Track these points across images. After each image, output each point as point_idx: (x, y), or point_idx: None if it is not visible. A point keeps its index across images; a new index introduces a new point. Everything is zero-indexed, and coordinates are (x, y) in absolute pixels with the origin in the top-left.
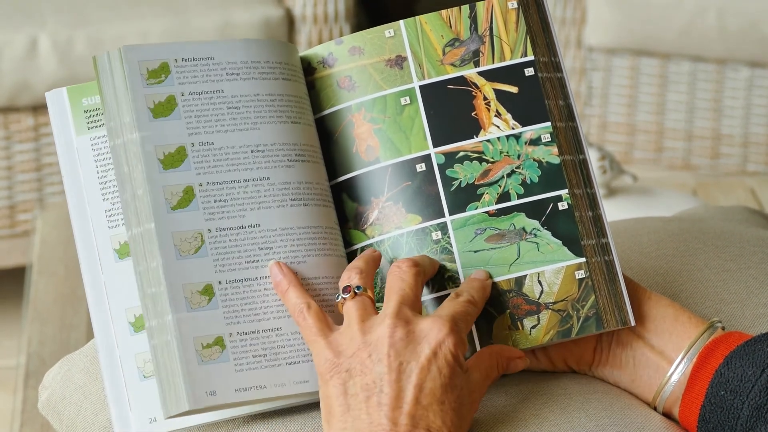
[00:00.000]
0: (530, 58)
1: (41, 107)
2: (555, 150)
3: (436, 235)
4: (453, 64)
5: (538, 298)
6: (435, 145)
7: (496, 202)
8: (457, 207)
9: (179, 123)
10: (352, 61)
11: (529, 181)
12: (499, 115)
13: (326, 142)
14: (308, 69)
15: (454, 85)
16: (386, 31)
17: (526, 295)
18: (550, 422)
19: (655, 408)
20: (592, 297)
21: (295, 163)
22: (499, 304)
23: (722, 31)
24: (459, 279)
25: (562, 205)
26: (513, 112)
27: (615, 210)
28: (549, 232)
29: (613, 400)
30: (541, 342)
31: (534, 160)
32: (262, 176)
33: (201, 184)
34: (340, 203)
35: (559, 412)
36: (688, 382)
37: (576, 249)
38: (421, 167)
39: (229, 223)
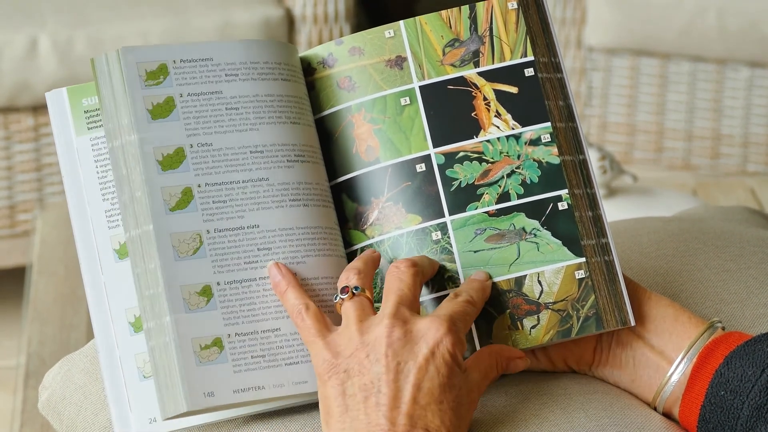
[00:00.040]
0: (530, 58)
1: (41, 107)
2: (555, 150)
3: (436, 236)
4: (453, 65)
5: (538, 298)
6: (435, 146)
7: (496, 203)
8: (457, 207)
9: (178, 124)
10: (352, 62)
11: (529, 182)
12: (499, 115)
13: (326, 143)
14: (308, 69)
15: (454, 86)
16: (386, 31)
17: (526, 295)
18: (550, 422)
19: (655, 408)
20: (592, 297)
21: (294, 164)
22: (498, 304)
23: (722, 31)
24: (459, 279)
25: (562, 205)
26: (513, 113)
27: (615, 210)
28: (549, 232)
29: (613, 400)
30: (541, 342)
31: (534, 161)
32: (261, 177)
33: (200, 185)
34: (340, 203)
35: (559, 412)
36: (688, 382)
37: (576, 249)
38: (421, 167)
39: (228, 224)
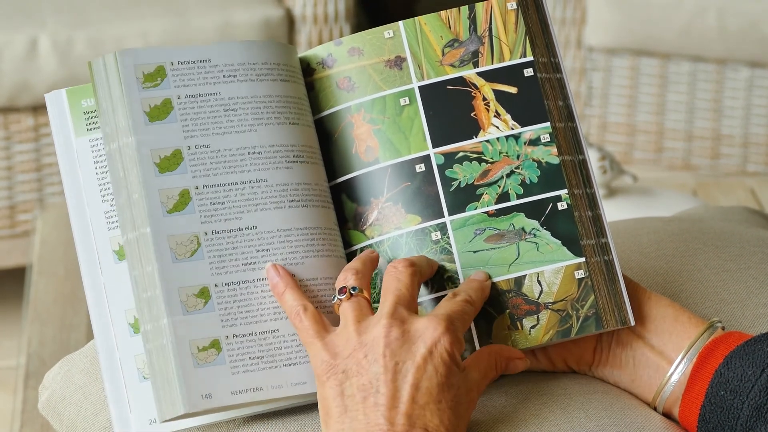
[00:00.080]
0: (529, 58)
1: (41, 107)
2: (554, 150)
3: (436, 236)
4: (452, 65)
5: (538, 298)
6: (434, 146)
7: (496, 203)
8: (456, 207)
9: (175, 126)
10: (351, 62)
11: (528, 182)
12: (498, 115)
13: (325, 143)
14: (307, 70)
15: (453, 86)
16: (385, 32)
17: (526, 295)
18: (550, 422)
19: (655, 408)
20: (592, 297)
21: (293, 165)
22: (498, 304)
23: (722, 31)
24: (458, 279)
25: (562, 205)
26: (512, 113)
27: (615, 210)
28: (548, 232)
29: (613, 400)
30: (541, 342)
31: (533, 161)
32: (260, 178)
33: (197, 187)
34: (340, 204)
35: (559, 412)
36: (688, 382)
37: (575, 249)
38: (421, 168)
39: (226, 225)
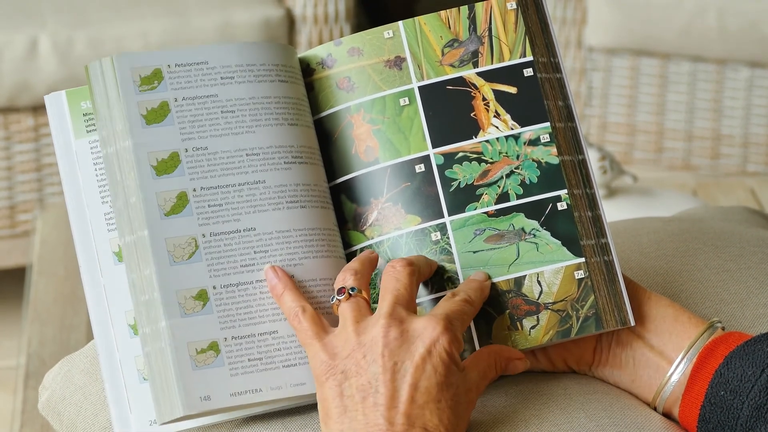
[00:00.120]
0: (529, 58)
1: (41, 108)
2: (554, 150)
3: (436, 236)
4: (452, 65)
5: (538, 299)
6: (434, 146)
7: (495, 203)
8: (456, 207)
9: (172, 129)
10: (351, 62)
11: (528, 182)
12: (498, 115)
13: (325, 144)
14: (307, 70)
15: (453, 86)
16: (385, 32)
17: (526, 296)
18: (550, 422)
19: (655, 408)
20: (592, 297)
21: (291, 166)
22: (498, 304)
23: (722, 31)
24: (458, 280)
25: (562, 206)
26: (512, 113)
27: (615, 210)
28: (548, 233)
29: (613, 400)
30: (541, 342)
31: (533, 161)
32: (258, 179)
33: (195, 190)
34: (339, 204)
35: (559, 412)
36: (688, 382)
37: (575, 249)
38: (420, 168)
39: (224, 227)
